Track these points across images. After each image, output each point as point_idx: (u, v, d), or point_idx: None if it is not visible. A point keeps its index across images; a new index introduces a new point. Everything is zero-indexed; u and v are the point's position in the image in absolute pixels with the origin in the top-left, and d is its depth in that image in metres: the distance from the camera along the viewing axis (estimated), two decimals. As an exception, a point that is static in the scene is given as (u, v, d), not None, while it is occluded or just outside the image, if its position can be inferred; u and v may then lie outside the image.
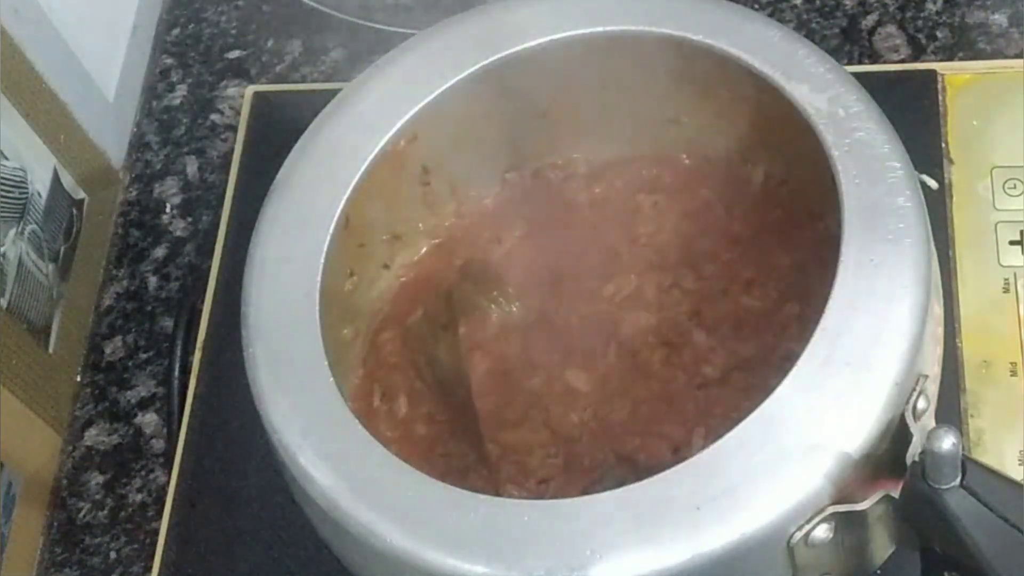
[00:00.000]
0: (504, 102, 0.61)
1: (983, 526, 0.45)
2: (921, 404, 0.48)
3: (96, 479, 0.70)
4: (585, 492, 0.49)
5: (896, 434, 0.48)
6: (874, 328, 0.48)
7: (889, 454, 0.48)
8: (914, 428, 0.47)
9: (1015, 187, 0.68)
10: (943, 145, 0.69)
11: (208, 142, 0.80)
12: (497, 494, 0.54)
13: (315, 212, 0.56)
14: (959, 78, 0.72)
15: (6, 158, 0.68)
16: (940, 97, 0.71)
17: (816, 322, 0.49)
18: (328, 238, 0.55)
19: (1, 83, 0.68)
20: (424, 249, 0.64)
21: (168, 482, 0.67)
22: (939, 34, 0.76)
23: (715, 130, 0.62)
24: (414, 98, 0.58)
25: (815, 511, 0.46)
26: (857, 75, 0.55)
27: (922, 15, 0.77)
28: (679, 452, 0.54)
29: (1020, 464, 0.61)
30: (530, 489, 0.57)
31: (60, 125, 0.74)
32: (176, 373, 0.71)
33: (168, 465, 0.68)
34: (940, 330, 0.53)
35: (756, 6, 0.79)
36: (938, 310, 0.52)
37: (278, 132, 0.61)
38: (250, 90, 0.78)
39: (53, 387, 0.71)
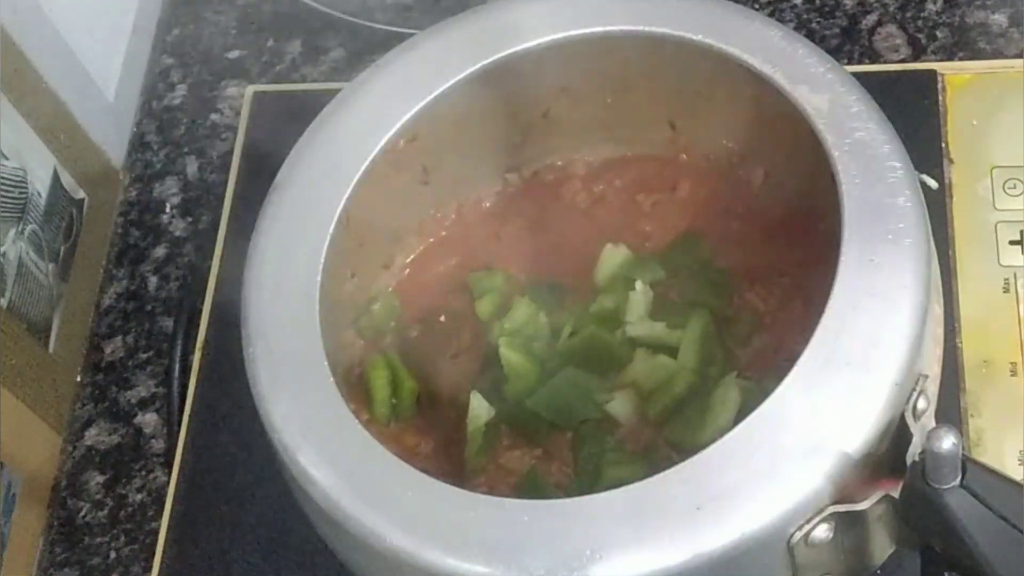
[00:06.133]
0: (504, 102, 0.61)
1: (983, 526, 0.45)
2: (921, 404, 0.48)
3: (96, 479, 0.70)
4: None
5: (896, 434, 0.48)
6: (874, 328, 0.48)
7: (889, 454, 0.48)
8: (914, 428, 0.47)
9: (1015, 187, 0.68)
10: (943, 145, 0.69)
11: (208, 142, 0.80)
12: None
13: (315, 212, 0.56)
14: (959, 78, 0.72)
15: (6, 158, 0.68)
16: (940, 97, 0.71)
17: (816, 322, 0.49)
18: (328, 238, 0.55)
19: (1, 83, 0.67)
20: (424, 249, 0.64)
21: (168, 482, 0.67)
22: (939, 34, 0.76)
23: (715, 130, 0.62)
24: (414, 98, 0.58)
25: (815, 511, 0.46)
26: (857, 75, 0.55)
27: (922, 15, 0.77)
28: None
29: (1020, 464, 0.61)
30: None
31: (60, 125, 0.74)
32: (176, 373, 0.71)
33: (168, 465, 0.68)
34: (940, 330, 0.53)
35: (756, 6, 0.79)
36: (938, 310, 0.52)
37: (278, 132, 0.60)
38: (250, 90, 0.78)
39: (53, 387, 0.71)
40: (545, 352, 0.59)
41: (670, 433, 0.57)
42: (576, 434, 0.58)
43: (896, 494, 0.47)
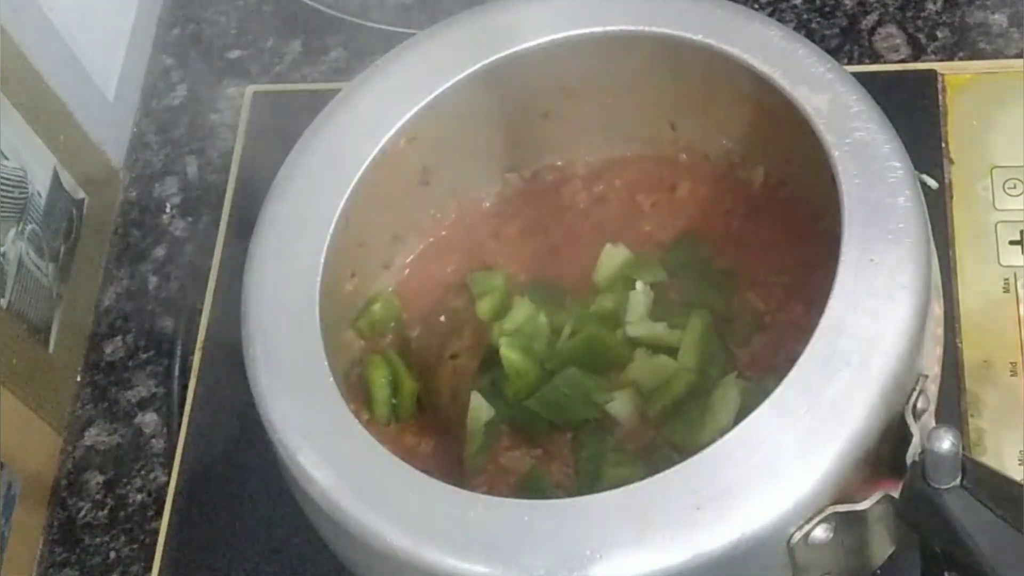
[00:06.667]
0: (504, 102, 0.61)
1: (983, 526, 0.45)
2: (921, 404, 0.48)
3: (96, 479, 0.70)
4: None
5: (896, 434, 0.48)
6: (874, 328, 0.48)
7: (889, 454, 0.48)
8: (914, 428, 0.47)
9: (1015, 187, 0.68)
10: (943, 145, 0.69)
11: (208, 142, 0.80)
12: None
13: (315, 212, 0.56)
14: (959, 78, 0.72)
15: (6, 158, 0.68)
16: (940, 97, 0.71)
17: (816, 322, 0.49)
18: (328, 238, 0.55)
19: (1, 83, 0.67)
20: (424, 249, 0.64)
21: (168, 482, 0.67)
22: (939, 34, 0.76)
23: (715, 130, 0.62)
24: (414, 98, 0.58)
25: (815, 511, 0.46)
26: (857, 75, 0.55)
27: (922, 15, 0.77)
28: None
29: (1020, 464, 0.61)
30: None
31: (60, 125, 0.74)
32: (176, 373, 0.71)
33: (168, 465, 0.68)
34: (940, 330, 0.53)
35: (756, 6, 0.79)
36: (938, 310, 0.52)
37: (278, 132, 0.60)
38: (250, 90, 0.78)
39: (53, 387, 0.71)
40: (545, 352, 0.59)
41: (670, 433, 0.57)
42: (576, 434, 0.58)
43: (896, 494, 0.47)
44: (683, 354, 0.58)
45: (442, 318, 0.62)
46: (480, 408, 0.58)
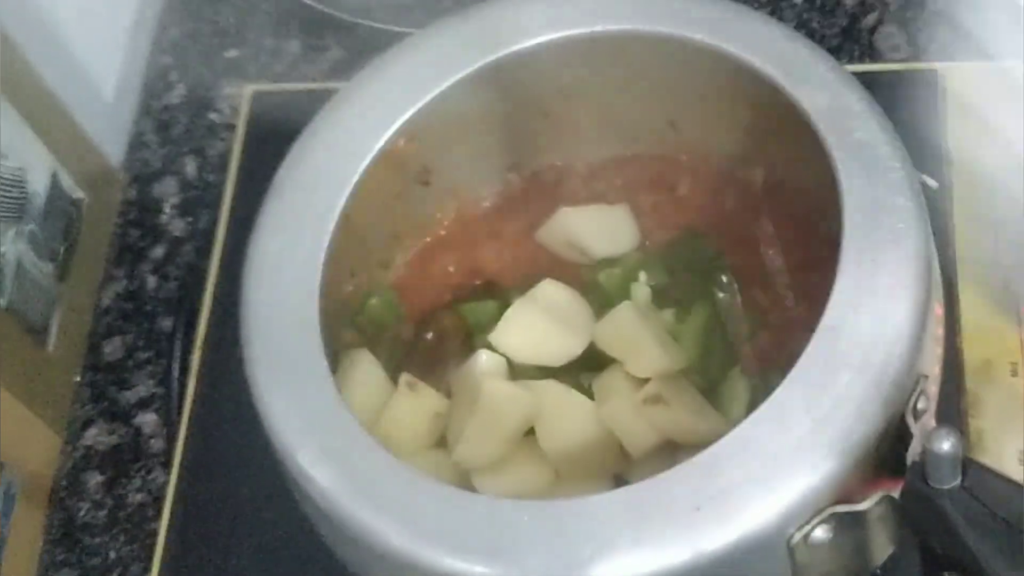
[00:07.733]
0: (504, 102, 0.61)
1: (983, 526, 0.45)
2: (921, 404, 0.48)
3: (96, 479, 0.70)
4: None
5: (896, 434, 0.48)
6: (874, 328, 0.48)
7: (889, 454, 0.48)
8: (914, 428, 0.47)
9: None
10: (943, 145, 0.69)
11: (207, 142, 0.80)
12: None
13: (315, 212, 0.56)
14: (959, 78, 0.72)
15: (5, 158, 0.68)
16: (940, 97, 0.71)
17: (816, 322, 0.49)
18: (328, 238, 0.55)
19: (0, 83, 0.67)
20: (424, 248, 0.64)
21: (168, 482, 0.67)
22: (940, 33, 0.76)
23: (715, 130, 0.62)
24: (414, 98, 0.58)
25: (815, 511, 0.46)
26: (857, 74, 0.55)
27: (923, 14, 0.77)
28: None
29: (1020, 464, 0.61)
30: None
31: (60, 125, 0.74)
32: (176, 373, 0.71)
33: (168, 465, 0.68)
34: (940, 330, 0.53)
35: (756, 5, 0.79)
36: (938, 310, 0.52)
37: (278, 132, 0.60)
38: (249, 89, 0.78)
39: (53, 387, 0.71)
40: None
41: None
42: None
43: (896, 494, 0.47)
44: (683, 346, 0.58)
45: (429, 335, 0.62)
46: None
